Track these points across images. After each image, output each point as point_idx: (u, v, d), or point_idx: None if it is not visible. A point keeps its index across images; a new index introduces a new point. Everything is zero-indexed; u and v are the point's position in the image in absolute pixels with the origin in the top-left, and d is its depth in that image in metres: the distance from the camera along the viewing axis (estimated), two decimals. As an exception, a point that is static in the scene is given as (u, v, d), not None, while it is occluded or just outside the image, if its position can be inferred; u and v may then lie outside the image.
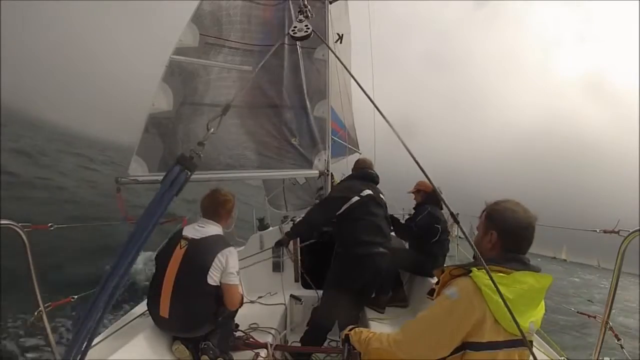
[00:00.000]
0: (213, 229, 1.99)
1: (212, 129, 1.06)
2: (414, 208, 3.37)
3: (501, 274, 1.08)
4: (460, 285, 1.09)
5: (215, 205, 2.05)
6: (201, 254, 1.86)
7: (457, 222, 1.21)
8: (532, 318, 1.09)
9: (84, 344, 0.79)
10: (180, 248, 1.87)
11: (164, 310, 1.82)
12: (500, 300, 0.95)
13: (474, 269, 1.09)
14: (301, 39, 1.66)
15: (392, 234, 3.21)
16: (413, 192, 3.35)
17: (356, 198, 2.55)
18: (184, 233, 1.94)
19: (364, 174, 2.80)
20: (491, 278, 0.94)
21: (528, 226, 1.16)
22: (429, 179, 1.13)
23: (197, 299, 1.84)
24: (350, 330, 1.49)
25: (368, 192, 2.62)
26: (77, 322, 0.79)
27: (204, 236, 1.92)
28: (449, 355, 1.09)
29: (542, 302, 1.15)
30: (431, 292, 1.29)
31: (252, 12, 4.17)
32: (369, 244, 2.50)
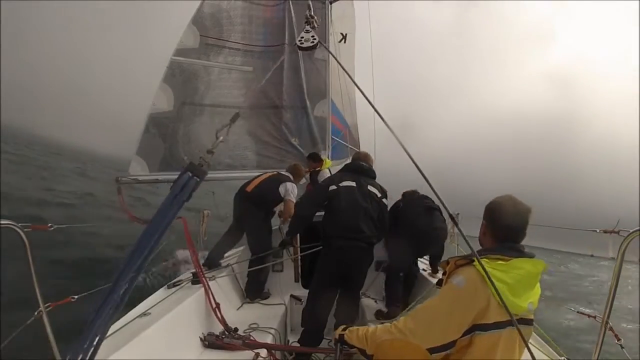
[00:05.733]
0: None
1: (221, 137, 1.08)
2: None
3: (500, 262, 1.18)
4: (465, 273, 1.17)
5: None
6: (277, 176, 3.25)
7: (455, 222, 1.22)
8: (530, 299, 1.18)
9: (92, 346, 0.78)
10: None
11: (250, 188, 3.07)
12: (501, 285, 1.08)
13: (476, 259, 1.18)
14: (308, 49, 1.70)
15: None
16: None
17: (333, 187, 2.46)
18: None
19: (353, 166, 2.69)
20: (484, 268, 1.03)
21: (516, 218, 1.23)
22: (426, 179, 1.12)
23: (274, 192, 3.10)
24: (344, 330, 1.49)
25: (348, 183, 2.49)
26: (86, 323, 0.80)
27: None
28: (460, 337, 1.14)
29: (538, 285, 1.22)
30: (439, 283, 1.37)
31: (253, 13, 4.18)
32: (339, 238, 2.39)
